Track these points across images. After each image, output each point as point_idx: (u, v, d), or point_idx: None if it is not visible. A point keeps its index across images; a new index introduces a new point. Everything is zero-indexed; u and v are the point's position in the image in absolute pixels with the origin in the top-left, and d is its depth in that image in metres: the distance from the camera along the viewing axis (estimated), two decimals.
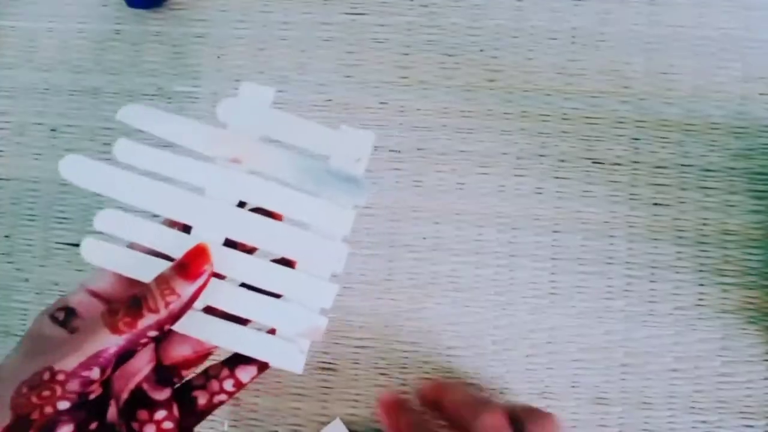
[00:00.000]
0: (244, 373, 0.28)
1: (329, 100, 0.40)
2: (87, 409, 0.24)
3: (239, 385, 0.28)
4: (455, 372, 0.37)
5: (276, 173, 0.29)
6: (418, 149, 0.39)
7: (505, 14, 0.39)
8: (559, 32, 0.39)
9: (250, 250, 0.29)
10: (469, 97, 0.39)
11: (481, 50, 0.39)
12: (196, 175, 0.29)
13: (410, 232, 0.38)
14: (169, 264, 0.27)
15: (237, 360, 0.28)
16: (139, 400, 0.27)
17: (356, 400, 0.37)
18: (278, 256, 0.29)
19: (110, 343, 0.23)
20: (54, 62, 0.42)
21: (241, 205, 0.29)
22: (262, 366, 0.28)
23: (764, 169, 0.37)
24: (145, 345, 0.25)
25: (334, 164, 0.29)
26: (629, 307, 0.37)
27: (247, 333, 0.28)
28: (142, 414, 0.27)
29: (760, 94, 0.38)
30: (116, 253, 0.28)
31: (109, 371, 0.24)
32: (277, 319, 0.28)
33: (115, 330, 0.24)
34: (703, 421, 0.35)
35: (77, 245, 0.41)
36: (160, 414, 0.27)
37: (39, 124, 0.42)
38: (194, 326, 0.28)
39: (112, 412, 0.26)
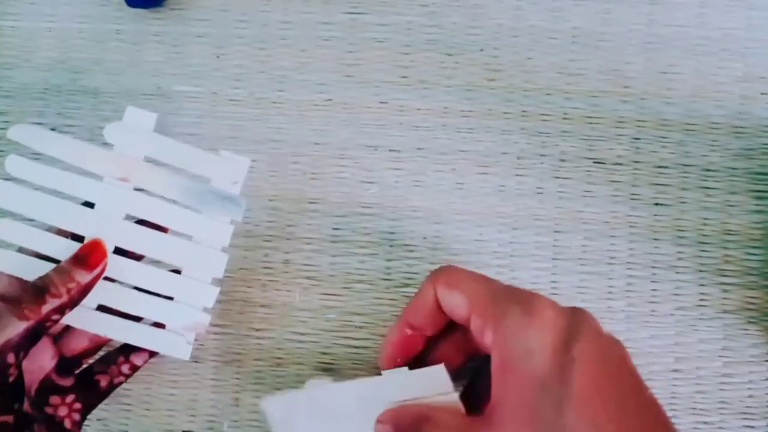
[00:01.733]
0: (138, 358, 0.33)
1: (329, 99, 0.40)
2: (8, 391, 0.28)
3: (134, 368, 0.33)
4: None
5: (161, 191, 0.32)
6: (418, 149, 0.39)
7: (505, 14, 0.39)
8: (559, 32, 0.39)
9: (138, 257, 0.33)
10: (469, 96, 0.39)
11: (481, 50, 0.39)
12: (86, 191, 0.32)
13: (410, 232, 0.38)
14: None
15: (130, 347, 0.33)
16: (49, 389, 0.32)
17: None
18: (166, 264, 0.32)
19: (20, 329, 0.27)
20: (53, 62, 0.42)
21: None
22: (153, 352, 0.33)
23: (765, 169, 0.37)
24: (50, 326, 0.29)
25: (215, 185, 0.32)
26: (630, 308, 0.37)
27: (139, 327, 0.33)
28: (55, 399, 0.31)
29: (761, 93, 0.37)
30: (8, 256, 0.32)
31: (22, 353, 0.28)
32: (166, 316, 0.32)
33: (22, 317, 0.27)
34: (705, 422, 0.35)
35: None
36: (70, 397, 0.32)
37: (38, 123, 0.42)
38: (91, 323, 0.32)
39: (26, 404, 0.30)
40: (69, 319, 0.31)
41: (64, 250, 0.31)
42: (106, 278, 0.32)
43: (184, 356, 0.32)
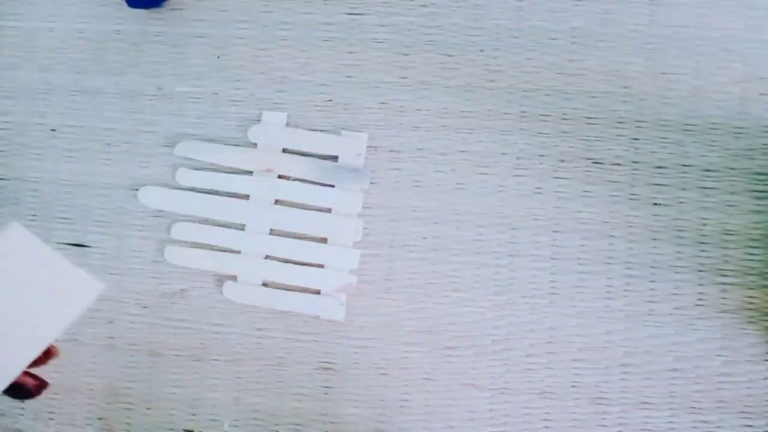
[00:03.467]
0: None
1: (329, 100, 0.40)
2: None
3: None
4: (455, 372, 0.37)
5: (299, 175, 0.38)
6: (418, 149, 0.39)
7: (505, 14, 0.39)
8: (559, 32, 0.39)
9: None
10: (469, 97, 0.39)
11: (481, 50, 0.39)
12: (240, 185, 0.39)
13: (410, 232, 0.38)
14: (230, 254, 0.37)
15: None
16: None
17: (356, 400, 0.38)
18: (315, 236, 0.38)
19: None
20: (54, 62, 0.42)
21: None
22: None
23: (764, 169, 0.37)
24: None
25: (342, 161, 0.38)
26: (629, 307, 0.37)
27: (298, 296, 0.37)
28: None
29: (760, 94, 0.38)
30: (193, 253, 0.39)
31: None
32: (320, 282, 0.37)
33: None
34: (703, 421, 0.35)
35: (77, 245, 0.41)
36: None
37: (40, 124, 0.42)
38: (258, 298, 0.38)
39: None
40: (238, 298, 0.38)
41: (233, 239, 0.38)
42: (268, 257, 0.37)
43: (340, 317, 0.37)
